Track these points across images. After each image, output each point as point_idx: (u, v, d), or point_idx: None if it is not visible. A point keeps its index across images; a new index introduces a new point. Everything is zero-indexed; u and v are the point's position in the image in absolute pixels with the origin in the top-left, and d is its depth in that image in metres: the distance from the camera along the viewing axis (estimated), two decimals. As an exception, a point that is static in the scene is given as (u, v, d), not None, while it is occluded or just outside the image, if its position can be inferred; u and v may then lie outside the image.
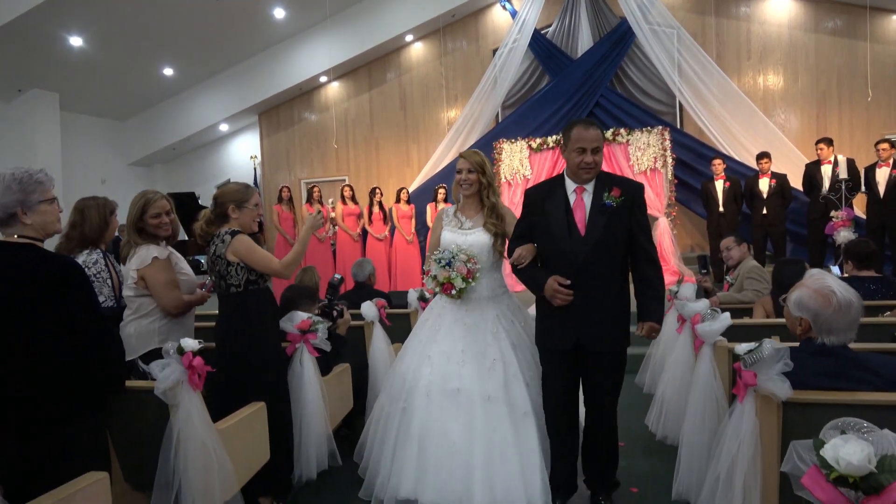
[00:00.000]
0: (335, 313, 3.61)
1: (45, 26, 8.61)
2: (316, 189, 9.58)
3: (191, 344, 2.30)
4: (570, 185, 2.77)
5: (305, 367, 3.12)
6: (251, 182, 12.29)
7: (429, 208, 9.23)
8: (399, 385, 3.06)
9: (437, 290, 2.94)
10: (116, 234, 3.33)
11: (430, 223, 8.98)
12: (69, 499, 1.75)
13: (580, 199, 2.74)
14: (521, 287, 2.94)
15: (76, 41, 9.25)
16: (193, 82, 11.78)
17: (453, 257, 2.91)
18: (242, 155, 12.82)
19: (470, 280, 2.91)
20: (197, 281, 3.17)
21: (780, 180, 7.81)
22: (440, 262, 2.92)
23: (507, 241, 3.07)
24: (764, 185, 7.84)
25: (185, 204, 10.04)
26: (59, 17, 8.52)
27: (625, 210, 2.67)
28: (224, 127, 12.51)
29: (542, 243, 2.80)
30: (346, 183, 10.63)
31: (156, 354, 2.54)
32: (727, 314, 2.79)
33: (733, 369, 2.34)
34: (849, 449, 1.11)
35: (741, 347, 1.92)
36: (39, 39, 8.85)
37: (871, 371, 1.81)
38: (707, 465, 2.14)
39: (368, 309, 3.97)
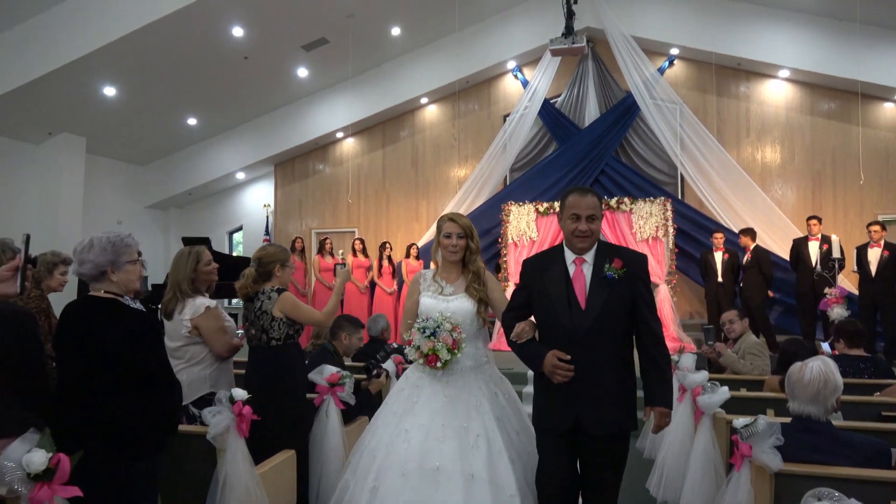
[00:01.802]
0: (375, 372, 3.85)
1: (83, 76, 9.10)
2: (328, 241, 9.92)
3: (240, 394, 2.55)
4: (570, 256, 2.65)
5: (331, 418, 3.35)
6: (263, 230, 12.66)
7: (403, 264, 9.50)
8: (367, 461, 2.77)
9: (421, 361, 2.73)
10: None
11: (405, 277, 9.24)
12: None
13: (580, 270, 2.62)
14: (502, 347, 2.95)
15: (110, 91, 9.74)
16: (215, 132, 12.27)
17: (438, 326, 2.73)
18: (256, 203, 13.20)
19: (455, 351, 2.73)
20: (235, 327, 3.43)
21: (758, 255, 8.15)
22: (424, 331, 2.72)
23: (490, 309, 2.97)
24: (745, 259, 8.24)
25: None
26: (98, 68, 9.01)
27: (627, 282, 2.54)
28: (240, 175, 12.94)
29: (541, 316, 2.68)
30: (357, 236, 10.99)
31: (206, 400, 2.78)
32: (726, 388, 3.04)
33: (730, 440, 2.58)
34: None
35: (738, 422, 2.17)
36: (75, 87, 9.33)
37: (852, 447, 2.06)
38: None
39: (388, 365, 4.21)
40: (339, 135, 12.18)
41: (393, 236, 11.30)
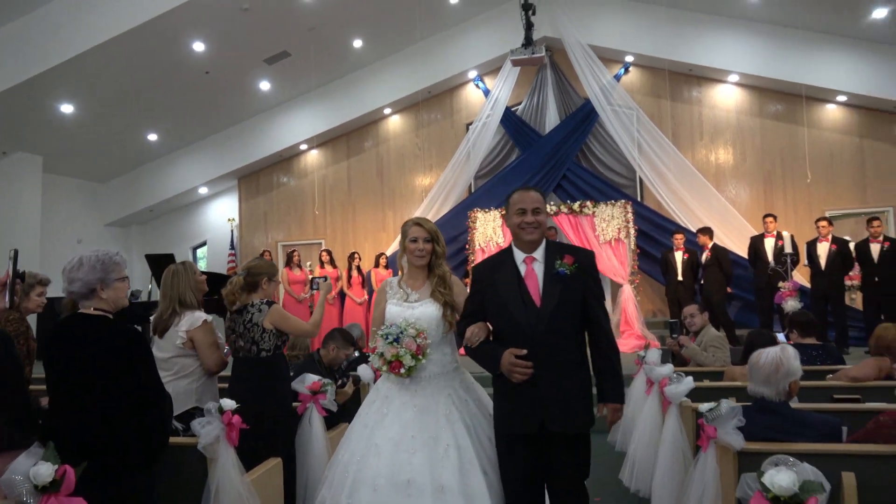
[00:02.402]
0: (339, 382, 3.93)
1: (38, 94, 8.95)
2: (296, 253, 9.93)
3: (229, 404, 2.62)
4: (520, 256, 2.65)
5: (314, 425, 3.43)
6: (228, 244, 12.56)
7: (372, 273, 9.59)
8: (341, 476, 2.73)
9: (385, 368, 2.69)
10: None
11: (375, 286, 9.31)
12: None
13: (531, 269, 2.61)
14: None
15: (67, 108, 9.59)
16: (176, 147, 12.15)
17: (401, 332, 2.69)
18: (220, 217, 13.10)
19: (420, 357, 2.68)
20: (224, 345, 3.49)
21: (717, 253, 8.47)
22: (387, 337, 2.69)
23: (457, 315, 2.90)
24: (704, 257, 8.54)
25: (163, 265, 10.25)
26: (54, 85, 8.88)
27: (579, 278, 2.55)
28: (203, 190, 12.83)
29: (496, 319, 2.65)
30: (323, 247, 11.01)
31: (190, 415, 2.83)
32: (690, 378, 3.23)
33: (697, 425, 2.76)
34: (780, 477, 1.53)
35: (703, 406, 2.35)
36: (30, 106, 9.16)
37: (807, 426, 2.25)
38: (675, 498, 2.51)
39: (364, 371, 4.29)
40: (304, 147, 12.20)
41: (360, 246, 11.35)
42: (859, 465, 2.15)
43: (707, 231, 8.69)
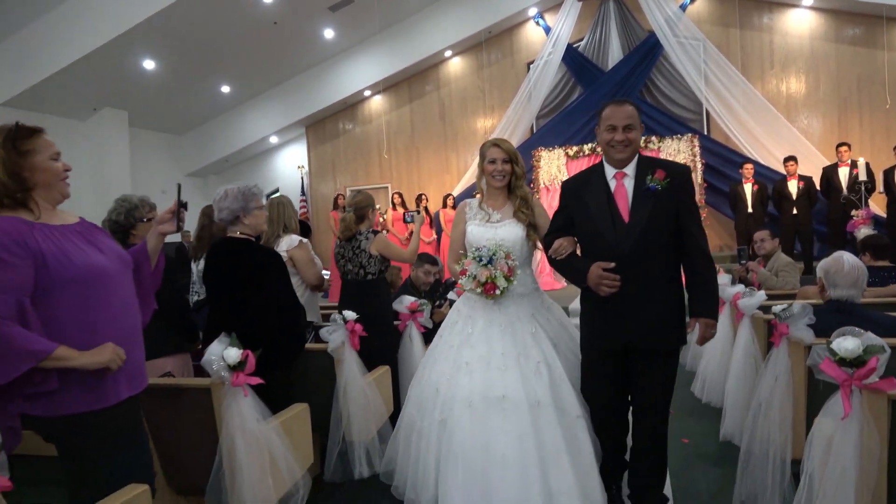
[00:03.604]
0: (437, 303, 4.34)
1: (124, 51, 9.49)
2: (340, 196, 10.48)
3: (351, 314, 3.04)
4: (610, 172, 2.59)
5: (414, 340, 3.84)
6: (299, 191, 13.14)
7: (441, 213, 9.89)
8: (431, 396, 2.77)
9: (479, 290, 2.69)
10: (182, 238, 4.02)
11: (444, 226, 9.55)
12: (287, 422, 2.48)
13: (621, 184, 2.56)
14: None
15: (149, 64, 10.14)
16: (247, 98, 12.65)
17: (494, 254, 2.67)
18: (290, 165, 13.66)
19: (511, 278, 2.69)
20: (321, 264, 3.93)
21: (808, 182, 8.36)
22: (480, 259, 2.68)
23: (540, 233, 2.91)
24: (793, 187, 8.38)
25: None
26: (138, 43, 9.40)
27: (671, 194, 2.48)
28: (273, 139, 13.36)
29: (584, 235, 2.63)
30: (390, 191, 11.42)
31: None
32: (762, 292, 3.45)
33: (768, 333, 3.00)
34: (846, 343, 1.78)
35: (776, 307, 2.59)
36: (117, 63, 9.74)
37: (873, 322, 2.47)
38: (749, 405, 2.80)
39: (452, 295, 4.68)
40: (367, 93, 12.48)
41: (425, 188, 11.69)
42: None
43: (794, 160, 8.45)
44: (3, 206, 1.72)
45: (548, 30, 11.10)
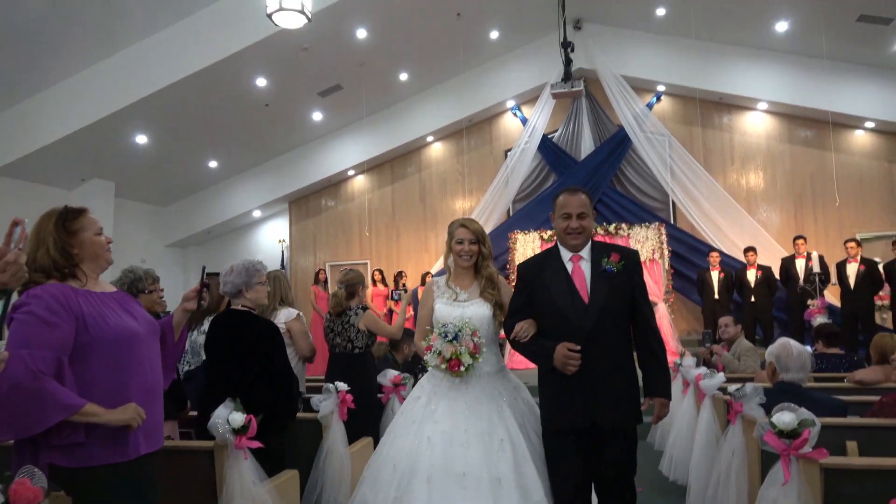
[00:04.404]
0: (420, 376, 4.54)
1: (119, 126, 9.85)
2: (322, 272, 10.83)
3: (343, 385, 3.23)
4: (566, 255, 2.70)
5: (396, 412, 4.00)
6: (279, 264, 13.33)
7: (419, 291, 10.17)
8: (388, 472, 2.70)
9: (443, 367, 2.68)
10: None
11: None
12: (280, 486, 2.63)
13: (578, 266, 2.67)
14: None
15: (141, 139, 10.50)
16: (233, 173, 13.03)
17: (459, 331, 2.68)
18: (271, 238, 13.91)
19: (476, 356, 2.69)
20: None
21: (766, 272, 8.88)
22: (446, 336, 2.68)
23: (506, 313, 2.90)
24: (751, 276, 8.91)
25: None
26: (133, 119, 9.78)
27: (625, 275, 2.62)
28: (257, 213, 13.67)
29: (544, 316, 2.68)
30: (369, 268, 11.72)
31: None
32: (722, 374, 3.73)
33: (727, 411, 3.26)
34: (784, 417, 2.06)
35: (732, 387, 2.87)
36: (110, 137, 10.07)
37: (819, 403, 2.75)
38: (710, 474, 3.02)
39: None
40: (351, 172, 12.96)
41: (404, 266, 11.98)
42: (860, 434, 2.64)
43: (754, 250, 9.04)
44: (52, 278, 1.95)
45: (524, 121, 11.82)
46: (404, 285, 4.62)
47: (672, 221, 11.04)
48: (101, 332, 1.92)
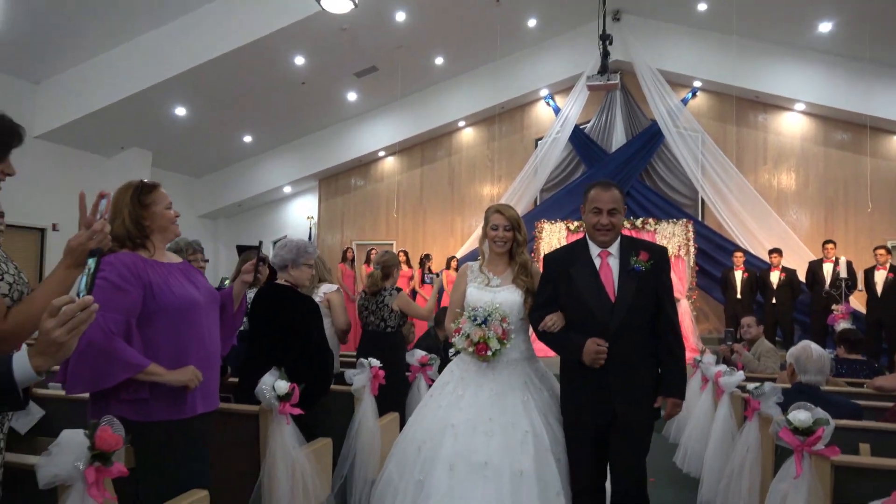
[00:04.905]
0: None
1: (159, 98, 10.09)
2: (349, 250, 11.17)
3: (375, 361, 3.39)
4: (595, 250, 2.69)
5: (422, 391, 4.15)
6: (306, 239, 13.57)
7: (443, 274, 10.27)
8: (413, 454, 2.76)
9: (471, 350, 2.72)
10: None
11: (446, 287, 9.88)
12: (316, 451, 2.80)
13: (606, 263, 2.66)
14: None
15: (180, 111, 10.74)
16: (266, 148, 13.26)
17: (489, 315, 2.71)
18: (300, 215, 14.15)
19: (504, 341, 2.71)
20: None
21: (790, 274, 8.87)
22: (475, 319, 2.71)
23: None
24: (774, 277, 8.90)
25: (251, 255, 11.36)
26: (173, 91, 10.01)
27: (653, 274, 2.62)
28: (287, 189, 13.90)
29: (570, 310, 2.69)
30: (395, 248, 11.89)
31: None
32: (741, 372, 3.83)
33: (744, 415, 3.35)
34: (800, 415, 2.16)
35: (750, 386, 2.97)
36: (150, 108, 10.32)
37: (834, 405, 2.85)
38: (723, 471, 3.13)
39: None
40: (381, 153, 13.11)
41: (429, 249, 12.16)
42: (874, 437, 2.74)
43: (779, 252, 9.04)
44: (125, 247, 2.12)
45: (557, 110, 11.83)
46: (430, 269, 4.73)
47: (700, 218, 11.01)
48: (166, 300, 2.09)
